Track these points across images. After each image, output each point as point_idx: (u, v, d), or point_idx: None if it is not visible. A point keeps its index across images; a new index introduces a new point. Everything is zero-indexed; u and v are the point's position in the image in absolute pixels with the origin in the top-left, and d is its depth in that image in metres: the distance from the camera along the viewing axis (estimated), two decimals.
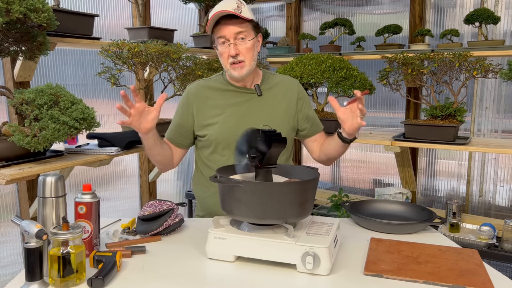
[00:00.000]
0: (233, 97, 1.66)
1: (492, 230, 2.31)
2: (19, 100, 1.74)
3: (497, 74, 2.26)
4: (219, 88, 1.68)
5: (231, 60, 1.56)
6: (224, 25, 1.53)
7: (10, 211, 2.33)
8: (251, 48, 1.57)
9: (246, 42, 1.56)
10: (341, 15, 3.51)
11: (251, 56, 1.58)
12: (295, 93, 1.73)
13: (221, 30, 1.54)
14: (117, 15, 2.94)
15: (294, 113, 1.71)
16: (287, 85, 1.74)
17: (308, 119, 1.74)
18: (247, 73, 1.59)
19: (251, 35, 1.57)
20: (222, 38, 1.55)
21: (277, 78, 1.75)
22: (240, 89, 1.67)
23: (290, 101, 1.71)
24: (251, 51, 1.57)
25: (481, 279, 1.09)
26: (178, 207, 1.46)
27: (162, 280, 1.12)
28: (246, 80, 1.66)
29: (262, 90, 1.66)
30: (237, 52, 1.55)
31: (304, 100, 1.75)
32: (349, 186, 3.63)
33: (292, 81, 1.77)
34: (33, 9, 1.68)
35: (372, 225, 1.48)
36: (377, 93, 3.03)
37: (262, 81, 1.71)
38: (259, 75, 1.72)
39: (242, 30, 1.54)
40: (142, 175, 3.17)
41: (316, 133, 1.78)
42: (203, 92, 1.69)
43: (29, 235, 1.03)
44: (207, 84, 1.71)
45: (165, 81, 2.47)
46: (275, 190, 1.16)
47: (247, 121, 1.60)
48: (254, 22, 1.58)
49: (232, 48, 1.54)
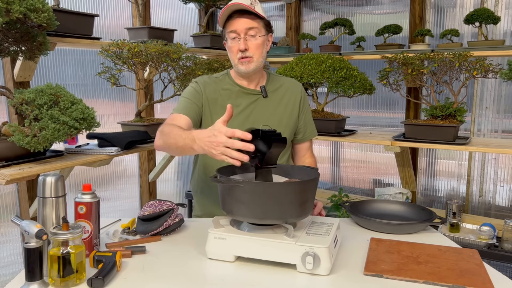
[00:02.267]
0: (239, 98, 1.66)
1: (492, 230, 2.31)
2: (19, 100, 1.74)
3: (497, 74, 2.26)
4: (225, 88, 1.68)
5: (239, 55, 1.56)
6: (237, 19, 1.54)
7: (10, 211, 2.33)
8: (261, 44, 1.57)
9: (257, 38, 1.56)
10: (341, 15, 3.51)
11: (260, 53, 1.58)
12: (299, 96, 1.74)
13: (233, 24, 1.54)
14: (117, 15, 2.94)
15: (297, 116, 1.73)
16: (292, 88, 1.75)
17: (305, 125, 1.77)
18: (254, 69, 1.59)
19: (262, 32, 1.57)
20: (233, 32, 1.55)
21: (282, 80, 1.76)
22: (245, 90, 1.67)
23: (294, 104, 1.72)
24: (260, 48, 1.57)
25: (481, 279, 1.09)
26: (178, 207, 1.46)
27: (162, 280, 1.12)
28: (252, 80, 1.65)
29: (267, 91, 1.67)
30: (247, 47, 1.55)
31: (305, 104, 1.77)
32: (349, 186, 3.63)
33: (297, 84, 1.79)
34: (33, 9, 1.68)
35: (372, 225, 1.48)
36: (377, 93, 3.02)
37: (267, 82, 1.71)
38: (264, 77, 1.72)
39: (253, 26, 1.54)
40: (142, 175, 3.17)
41: (307, 140, 1.81)
42: (212, 87, 1.67)
43: (29, 235, 1.03)
44: (215, 81, 1.70)
45: (165, 81, 2.47)
46: (275, 190, 1.16)
47: (251, 122, 1.61)
48: (266, 21, 1.59)
49: (242, 42, 1.54)
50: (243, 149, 1.10)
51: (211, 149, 1.16)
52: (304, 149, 1.83)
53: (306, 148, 1.83)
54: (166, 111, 3.25)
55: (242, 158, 1.11)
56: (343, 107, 3.59)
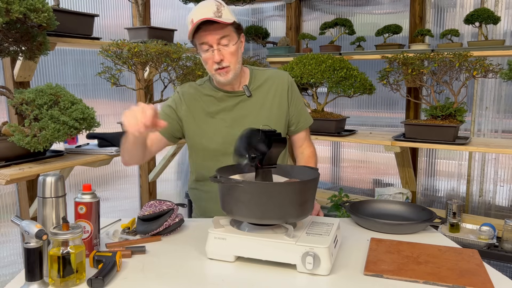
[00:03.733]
0: (223, 102, 1.64)
1: (492, 230, 2.31)
2: (19, 100, 1.74)
3: (497, 74, 2.26)
4: (209, 94, 1.65)
5: (215, 66, 1.53)
6: (206, 32, 1.48)
7: (10, 211, 2.33)
8: (235, 52, 1.53)
9: (230, 47, 1.51)
10: (341, 15, 3.51)
11: (235, 60, 1.54)
12: (286, 87, 1.68)
13: (203, 36, 1.49)
14: (117, 15, 2.94)
15: (287, 108, 1.68)
16: (277, 80, 1.69)
17: (297, 114, 1.72)
18: (233, 77, 1.56)
19: (234, 39, 1.53)
20: (205, 44, 1.51)
21: (266, 74, 1.70)
22: (229, 93, 1.64)
23: (281, 95, 1.67)
24: (235, 55, 1.54)
25: (481, 279, 1.09)
26: (178, 207, 1.46)
27: (162, 280, 1.12)
28: (234, 83, 1.62)
29: (251, 89, 1.64)
30: (222, 57, 1.51)
31: (294, 93, 1.71)
32: (349, 186, 3.63)
33: (281, 74, 1.72)
34: (33, 9, 1.68)
35: (372, 225, 1.48)
36: (377, 93, 3.03)
37: (250, 80, 1.67)
38: (246, 74, 1.68)
39: (224, 35, 1.49)
40: (142, 175, 3.17)
41: (302, 130, 1.75)
42: (193, 95, 1.66)
43: (29, 235, 1.03)
44: (198, 89, 1.67)
45: (165, 81, 2.47)
46: (275, 190, 1.16)
47: (239, 124, 1.57)
48: (235, 24, 1.53)
49: (216, 54, 1.50)
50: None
51: (124, 121, 1.23)
52: (301, 139, 1.77)
53: (302, 138, 1.77)
54: None
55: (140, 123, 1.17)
56: (343, 107, 3.59)
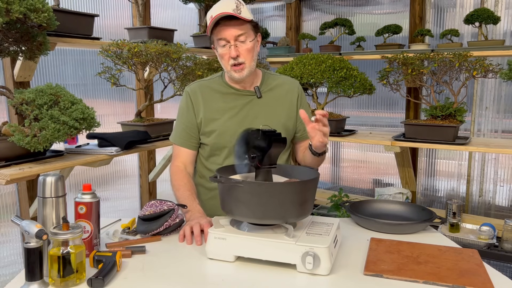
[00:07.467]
0: (233, 100, 1.66)
1: (492, 230, 2.31)
2: (19, 100, 1.74)
3: (497, 74, 2.26)
4: (219, 90, 1.68)
5: (232, 62, 1.56)
6: (224, 27, 1.52)
7: (10, 211, 2.33)
8: (251, 49, 1.56)
9: (247, 44, 1.55)
10: (341, 15, 3.51)
11: (251, 57, 1.57)
12: (295, 94, 1.72)
13: (221, 32, 1.54)
14: (117, 15, 2.94)
15: (295, 115, 1.71)
16: (288, 86, 1.73)
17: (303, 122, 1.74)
18: (247, 74, 1.58)
19: (251, 36, 1.56)
20: (222, 40, 1.54)
21: (278, 79, 1.74)
22: (240, 92, 1.66)
23: (291, 102, 1.71)
24: (251, 53, 1.57)
25: (481, 279, 1.09)
26: (178, 207, 1.46)
27: (162, 280, 1.12)
28: (246, 82, 1.65)
29: (262, 91, 1.66)
30: (238, 53, 1.54)
31: (303, 102, 1.75)
32: (349, 186, 3.63)
33: (293, 82, 1.77)
34: (33, 9, 1.68)
35: (372, 225, 1.48)
36: (377, 93, 3.03)
37: (262, 82, 1.70)
38: (259, 76, 1.71)
39: (242, 32, 1.53)
40: (142, 175, 3.17)
41: (306, 138, 1.77)
42: (204, 92, 1.68)
43: (29, 235, 1.03)
44: (207, 85, 1.70)
45: (165, 81, 2.47)
46: (275, 190, 1.16)
47: (248, 124, 1.60)
48: (253, 22, 1.57)
49: (233, 50, 1.53)
50: None
51: (186, 225, 1.41)
52: (305, 147, 1.81)
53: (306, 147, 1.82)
54: (166, 111, 3.25)
55: (189, 240, 1.35)
56: (343, 107, 3.59)
